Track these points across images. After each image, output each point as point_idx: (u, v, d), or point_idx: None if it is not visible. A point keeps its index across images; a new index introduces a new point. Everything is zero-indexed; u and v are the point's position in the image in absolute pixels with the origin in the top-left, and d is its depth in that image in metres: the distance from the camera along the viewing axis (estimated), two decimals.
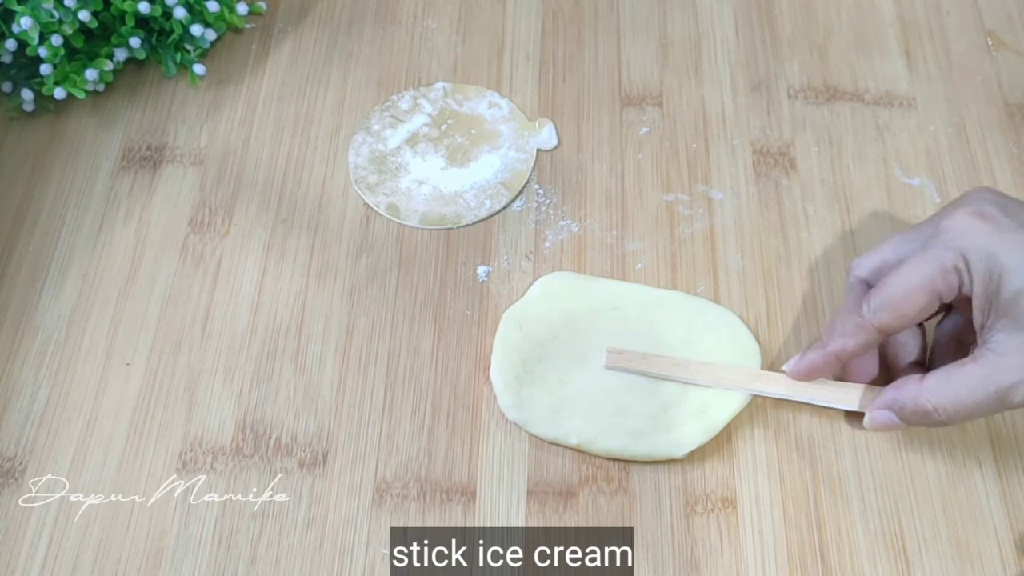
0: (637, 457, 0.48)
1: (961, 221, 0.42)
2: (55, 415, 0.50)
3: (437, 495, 0.48)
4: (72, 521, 0.47)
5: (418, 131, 0.60)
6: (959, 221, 0.42)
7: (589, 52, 0.63)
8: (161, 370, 0.51)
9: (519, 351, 0.50)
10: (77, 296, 0.53)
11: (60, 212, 0.56)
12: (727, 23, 0.64)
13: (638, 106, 0.61)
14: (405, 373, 0.51)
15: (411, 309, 0.53)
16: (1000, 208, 0.42)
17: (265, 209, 0.57)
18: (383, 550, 0.46)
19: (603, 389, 0.49)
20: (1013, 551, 0.47)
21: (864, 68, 0.62)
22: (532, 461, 0.49)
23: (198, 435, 0.49)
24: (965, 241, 0.42)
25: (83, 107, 0.60)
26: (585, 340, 0.50)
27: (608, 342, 0.50)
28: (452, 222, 0.56)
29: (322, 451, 0.49)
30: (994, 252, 0.41)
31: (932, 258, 0.42)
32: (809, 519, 0.47)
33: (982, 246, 0.41)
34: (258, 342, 0.52)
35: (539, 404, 0.49)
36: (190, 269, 0.54)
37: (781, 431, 0.50)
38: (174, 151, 0.59)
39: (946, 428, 0.49)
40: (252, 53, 0.63)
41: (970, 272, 0.42)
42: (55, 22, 0.56)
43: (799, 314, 0.53)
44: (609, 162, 0.58)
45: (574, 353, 0.50)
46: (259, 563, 0.46)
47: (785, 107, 0.61)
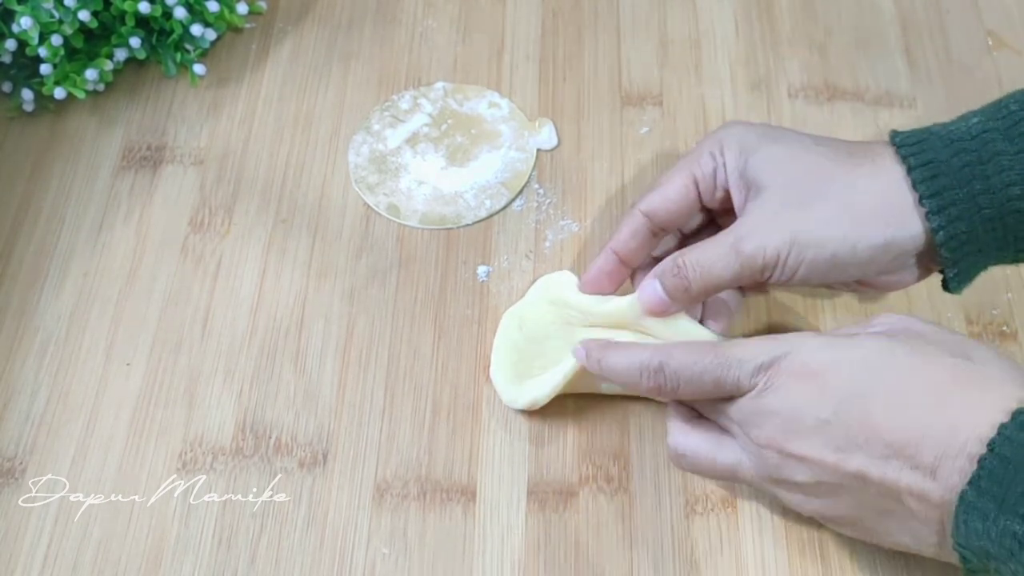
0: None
1: (726, 123, 0.48)
2: (55, 415, 0.50)
3: (437, 495, 0.48)
4: (72, 521, 0.47)
5: (418, 131, 0.60)
6: (725, 124, 0.48)
7: (589, 52, 0.63)
8: (161, 370, 0.51)
9: (519, 350, 0.50)
10: (77, 296, 0.53)
11: (60, 212, 0.56)
12: (727, 22, 0.64)
13: (638, 106, 0.61)
14: (405, 373, 0.51)
15: (411, 309, 0.53)
16: (769, 125, 0.48)
17: (265, 209, 0.57)
18: (383, 550, 0.46)
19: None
20: None
21: (864, 67, 0.62)
22: (532, 461, 0.49)
23: (198, 435, 0.49)
24: (722, 131, 0.47)
25: (83, 107, 0.60)
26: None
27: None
28: (452, 222, 0.56)
29: (322, 451, 0.49)
30: (742, 134, 0.46)
31: (694, 150, 0.48)
32: (809, 519, 0.47)
33: (734, 132, 0.47)
34: (258, 342, 0.52)
35: (542, 391, 0.49)
36: (190, 269, 0.54)
37: None
38: (174, 151, 0.59)
39: None
40: (252, 53, 0.63)
41: (723, 153, 0.46)
42: (55, 22, 0.56)
43: (800, 311, 0.53)
44: (609, 162, 0.58)
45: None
46: (259, 563, 0.46)
47: (785, 106, 0.61)
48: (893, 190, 0.43)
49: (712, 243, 0.45)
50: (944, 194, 0.41)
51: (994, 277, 0.54)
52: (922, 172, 0.42)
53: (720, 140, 0.47)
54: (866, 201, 0.43)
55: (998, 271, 0.54)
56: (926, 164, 0.42)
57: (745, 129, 0.47)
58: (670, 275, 0.45)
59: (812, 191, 0.44)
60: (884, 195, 0.43)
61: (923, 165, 0.42)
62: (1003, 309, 0.53)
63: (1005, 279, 0.54)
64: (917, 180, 0.42)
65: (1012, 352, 0.52)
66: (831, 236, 0.43)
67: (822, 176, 0.44)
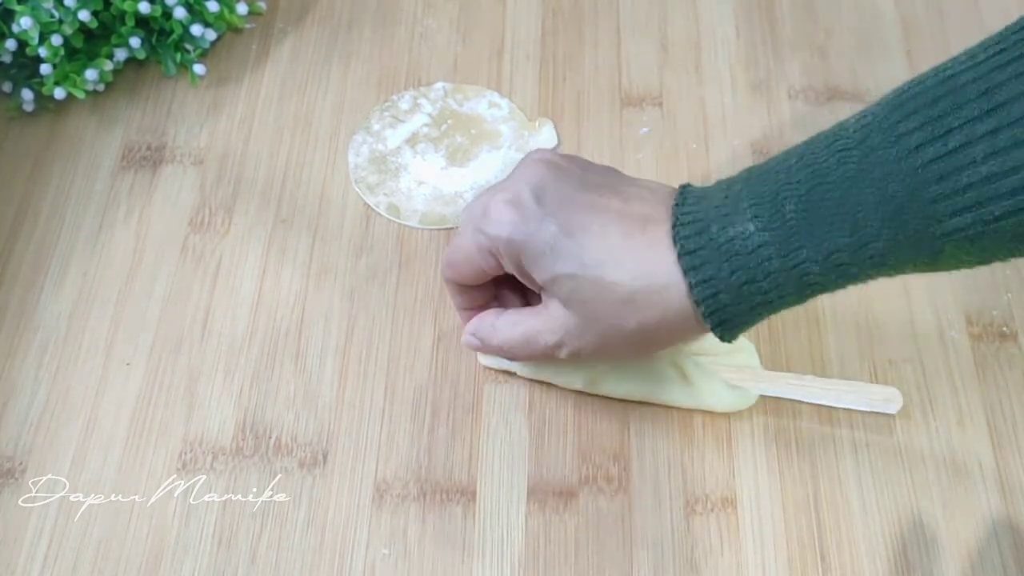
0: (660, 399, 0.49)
1: (495, 210, 0.43)
2: (55, 415, 0.50)
3: (437, 495, 0.48)
4: (72, 521, 0.47)
5: (418, 131, 0.60)
6: (493, 210, 0.43)
7: (589, 52, 0.63)
8: (161, 370, 0.51)
9: None
10: (77, 296, 0.53)
11: (60, 212, 0.56)
12: (727, 23, 0.64)
13: (638, 106, 0.61)
14: (405, 373, 0.51)
15: (411, 309, 0.53)
16: (535, 193, 0.43)
17: (265, 209, 0.57)
18: (383, 550, 0.46)
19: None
20: (1013, 551, 0.47)
21: (865, 68, 0.62)
22: (532, 461, 0.49)
23: (198, 435, 0.49)
24: (494, 230, 0.43)
25: (83, 107, 0.60)
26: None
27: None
28: (452, 222, 0.56)
29: (322, 451, 0.49)
30: (518, 245, 0.42)
31: (471, 237, 0.44)
32: (809, 519, 0.47)
33: (507, 238, 0.42)
34: (258, 342, 0.52)
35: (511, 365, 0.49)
36: (190, 269, 0.54)
37: (781, 431, 0.50)
38: (174, 151, 0.59)
39: (946, 432, 0.50)
40: (252, 53, 0.63)
41: (503, 258, 0.43)
42: (55, 22, 0.56)
43: (799, 312, 0.53)
44: (609, 162, 0.58)
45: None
46: (259, 563, 0.46)
47: (785, 107, 0.61)
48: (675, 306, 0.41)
49: (525, 330, 0.45)
50: (724, 310, 0.40)
51: (994, 277, 0.54)
52: (703, 289, 0.40)
53: (494, 244, 0.43)
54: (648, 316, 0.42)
55: (998, 271, 0.54)
56: (707, 280, 0.40)
57: (514, 234, 0.42)
58: (488, 347, 0.47)
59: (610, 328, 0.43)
60: (664, 313, 0.41)
61: (704, 282, 0.40)
62: (1003, 309, 0.53)
63: (1005, 279, 0.54)
64: (698, 298, 0.40)
65: (1012, 353, 0.52)
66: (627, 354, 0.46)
67: (615, 314, 0.42)
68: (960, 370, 0.51)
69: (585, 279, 0.41)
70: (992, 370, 0.51)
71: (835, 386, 0.49)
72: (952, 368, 0.51)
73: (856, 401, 0.49)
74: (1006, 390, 0.51)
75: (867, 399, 0.49)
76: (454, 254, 0.46)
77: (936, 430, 0.50)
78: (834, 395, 0.49)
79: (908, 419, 0.50)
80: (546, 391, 0.51)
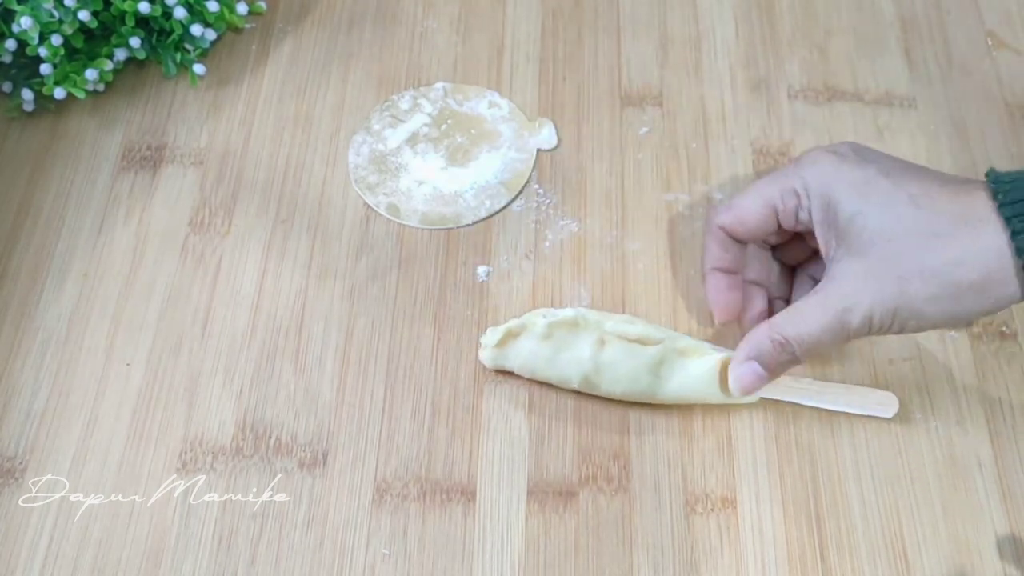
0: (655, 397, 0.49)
1: (812, 154, 0.45)
2: (55, 415, 0.50)
3: (437, 495, 0.48)
4: (72, 521, 0.47)
5: (418, 131, 0.60)
6: (811, 154, 0.45)
7: (589, 52, 0.63)
8: (161, 370, 0.51)
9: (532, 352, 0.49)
10: (77, 296, 0.53)
11: (60, 212, 0.56)
12: (727, 22, 0.64)
13: (638, 106, 0.61)
14: (405, 373, 0.51)
15: (411, 309, 0.53)
16: (855, 150, 0.45)
17: (265, 209, 0.57)
18: (383, 550, 0.46)
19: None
20: (1013, 551, 0.47)
21: (864, 68, 0.62)
22: (532, 461, 0.49)
23: (198, 435, 0.49)
24: (808, 170, 0.45)
25: (83, 107, 0.60)
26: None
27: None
28: (452, 222, 0.56)
29: (322, 451, 0.49)
30: (831, 181, 0.44)
31: (777, 178, 0.46)
32: (809, 519, 0.47)
33: (821, 175, 0.44)
34: (258, 342, 0.52)
35: (536, 351, 0.49)
36: (190, 269, 0.54)
37: (781, 431, 0.50)
38: (174, 151, 0.59)
39: (946, 432, 0.50)
40: (252, 53, 0.63)
41: (809, 197, 0.45)
42: (55, 22, 0.56)
43: None
44: (609, 162, 0.58)
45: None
46: (259, 563, 0.46)
47: (785, 107, 0.61)
48: (994, 263, 0.41)
49: (812, 312, 0.44)
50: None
51: None
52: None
53: (805, 182, 0.45)
54: (967, 276, 0.42)
55: None
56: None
57: (831, 171, 0.44)
58: (774, 352, 0.45)
59: (912, 264, 0.42)
60: (986, 268, 0.41)
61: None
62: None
63: None
64: (1021, 248, 0.40)
65: (1012, 352, 0.52)
66: (932, 312, 0.43)
67: (921, 246, 0.42)
68: (960, 370, 0.51)
69: (896, 208, 0.42)
70: (992, 370, 0.51)
71: (831, 389, 0.49)
72: (952, 368, 0.51)
73: (851, 404, 0.49)
74: (1006, 390, 0.51)
75: (862, 403, 0.49)
76: (743, 198, 0.47)
77: (936, 430, 0.50)
78: (830, 398, 0.49)
79: (908, 419, 0.50)
80: (546, 391, 0.51)
